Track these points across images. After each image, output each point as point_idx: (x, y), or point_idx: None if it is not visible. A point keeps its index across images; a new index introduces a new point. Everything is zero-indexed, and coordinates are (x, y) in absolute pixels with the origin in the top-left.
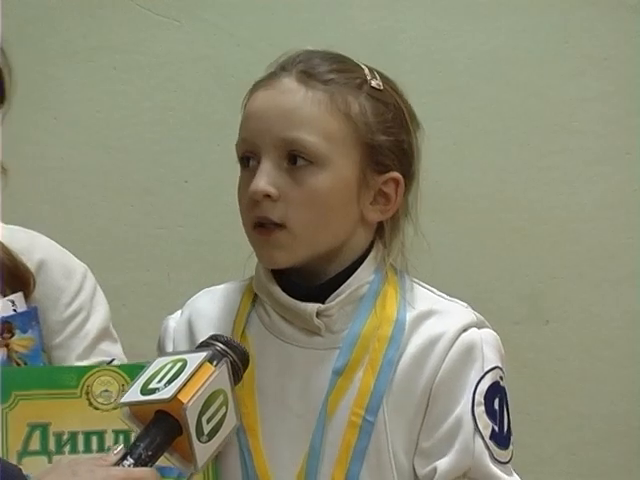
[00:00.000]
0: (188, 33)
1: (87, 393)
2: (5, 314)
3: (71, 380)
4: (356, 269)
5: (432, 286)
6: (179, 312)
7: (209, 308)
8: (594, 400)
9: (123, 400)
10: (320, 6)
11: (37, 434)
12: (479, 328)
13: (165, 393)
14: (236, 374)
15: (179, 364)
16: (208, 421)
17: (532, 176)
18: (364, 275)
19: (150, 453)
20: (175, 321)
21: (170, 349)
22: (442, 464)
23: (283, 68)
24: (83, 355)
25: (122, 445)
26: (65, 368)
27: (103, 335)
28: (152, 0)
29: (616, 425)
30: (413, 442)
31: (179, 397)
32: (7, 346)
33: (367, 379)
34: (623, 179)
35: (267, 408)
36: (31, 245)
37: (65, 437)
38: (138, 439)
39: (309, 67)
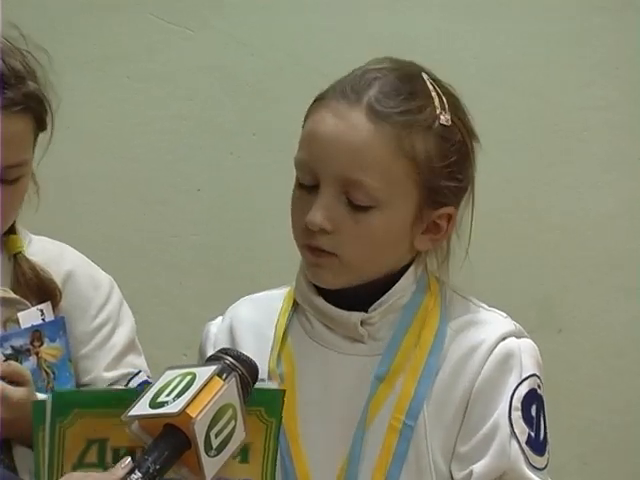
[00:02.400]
0: (201, 42)
1: None
2: (35, 322)
3: (131, 400)
4: (398, 278)
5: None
6: (220, 318)
7: (250, 315)
8: (606, 408)
9: (132, 413)
10: (332, 15)
11: (95, 448)
12: (518, 337)
13: (174, 407)
14: (245, 388)
15: (188, 377)
16: (217, 435)
17: (542, 183)
18: (406, 284)
19: (158, 467)
20: (216, 327)
21: (210, 354)
22: (478, 467)
23: (354, 92)
24: (110, 367)
25: (130, 459)
26: (127, 391)
27: (129, 348)
28: (165, 9)
29: (628, 434)
30: (451, 447)
31: (188, 411)
32: (37, 354)
33: (408, 385)
34: (634, 186)
35: (308, 412)
36: (60, 256)
37: (122, 452)
38: (146, 453)
39: (379, 101)
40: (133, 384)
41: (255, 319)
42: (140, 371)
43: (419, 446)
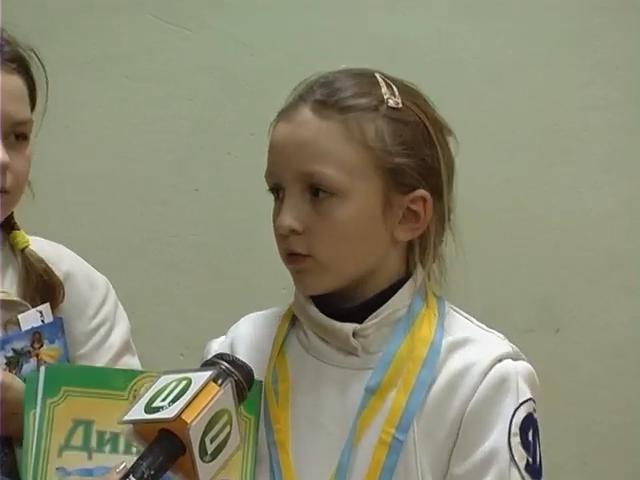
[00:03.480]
0: (200, 42)
1: (134, 397)
2: (35, 324)
3: (120, 382)
4: (395, 291)
5: (440, 294)
6: (223, 337)
7: (250, 332)
8: (606, 408)
9: (126, 418)
10: (332, 15)
11: (80, 430)
12: (514, 360)
13: (169, 412)
14: (241, 394)
15: (184, 383)
16: (212, 441)
17: (541, 183)
18: (402, 298)
19: (152, 472)
20: (218, 344)
21: None
22: None
23: (301, 97)
24: None
25: (125, 464)
26: (116, 370)
27: (125, 348)
28: (164, 9)
29: (628, 434)
30: (442, 466)
31: (183, 417)
32: (37, 356)
33: (399, 398)
34: (634, 186)
35: (300, 424)
36: (58, 256)
37: (107, 436)
38: (141, 458)
39: (325, 95)
40: None
41: (255, 335)
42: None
43: (408, 461)
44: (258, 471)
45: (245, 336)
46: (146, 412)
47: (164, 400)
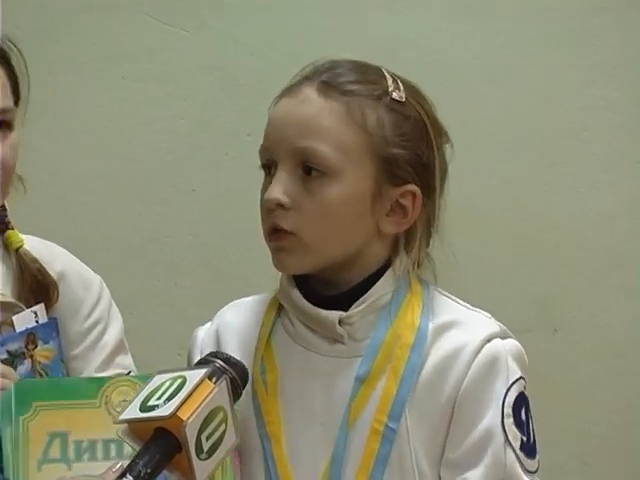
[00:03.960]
0: (197, 42)
1: (106, 403)
2: (29, 325)
3: (91, 391)
4: (379, 278)
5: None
6: (209, 323)
7: (236, 319)
8: (606, 408)
9: (122, 417)
10: (331, 15)
11: (57, 442)
12: (503, 339)
13: (165, 410)
14: (236, 391)
15: (179, 381)
16: (207, 438)
17: (541, 184)
18: (386, 284)
19: (149, 471)
20: (204, 332)
21: (197, 359)
22: (473, 476)
23: (307, 77)
24: (101, 368)
25: (121, 463)
26: (85, 379)
27: (119, 348)
28: (161, 9)
29: (627, 434)
30: (437, 451)
31: (179, 414)
32: (31, 357)
33: (389, 386)
34: (634, 186)
35: (291, 416)
36: (51, 256)
37: (84, 445)
38: (137, 456)
39: (331, 77)
40: None
41: (241, 323)
42: (130, 371)
43: (402, 448)
44: (251, 464)
45: (230, 323)
46: (141, 411)
47: (159, 399)
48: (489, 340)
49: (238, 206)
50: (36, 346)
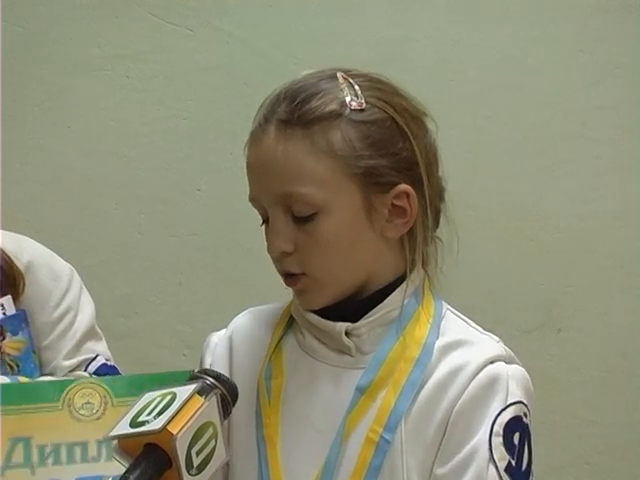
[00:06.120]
0: (201, 42)
1: (69, 406)
2: None
3: (52, 394)
4: (391, 291)
5: (443, 294)
6: (224, 330)
7: (250, 325)
8: (607, 409)
9: (112, 433)
10: (333, 15)
11: (20, 447)
12: (507, 363)
13: (155, 425)
14: (226, 408)
15: (168, 397)
16: (198, 454)
17: (545, 184)
18: (397, 299)
19: None
20: (218, 337)
21: (209, 362)
22: None
23: (265, 118)
24: (69, 355)
25: (111, 478)
26: (46, 383)
27: (89, 334)
28: (165, 9)
29: (629, 434)
30: (427, 468)
31: (169, 428)
32: (0, 349)
33: (388, 398)
34: (634, 187)
35: (289, 421)
36: (19, 247)
37: (48, 449)
38: (127, 472)
39: (288, 113)
40: (91, 369)
41: (254, 330)
42: (97, 355)
43: (394, 461)
44: (247, 466)
45: (244, 329)
46: (131, 427)
47: (149, 414)
48: (492, 362)
49: (243, 206)
50: (4, 338)
